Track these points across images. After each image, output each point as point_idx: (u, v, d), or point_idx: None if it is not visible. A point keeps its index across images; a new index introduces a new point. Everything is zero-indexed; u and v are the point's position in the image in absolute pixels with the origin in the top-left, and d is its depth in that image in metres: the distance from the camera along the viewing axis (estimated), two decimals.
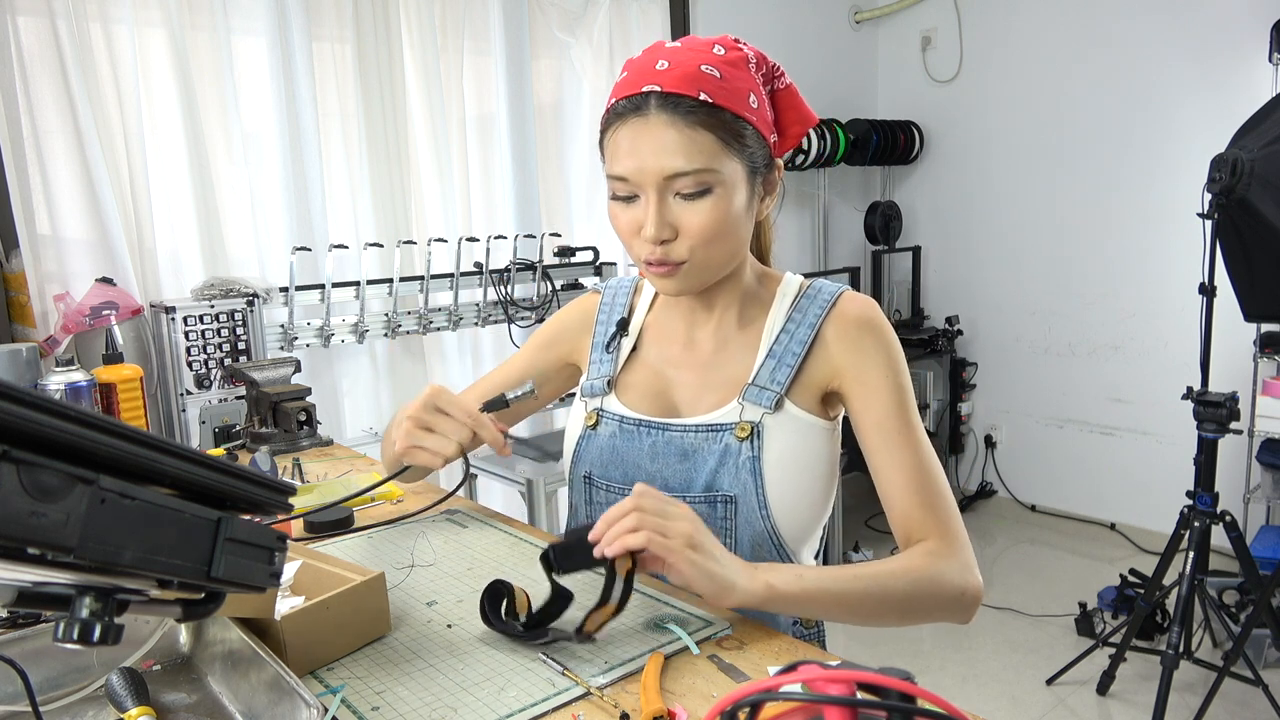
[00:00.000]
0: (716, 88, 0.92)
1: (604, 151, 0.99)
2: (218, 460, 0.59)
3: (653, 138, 0.92)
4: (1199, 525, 2.37)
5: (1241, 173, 2.23)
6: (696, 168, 0.92)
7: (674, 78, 0.92)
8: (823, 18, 4.12)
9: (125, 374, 1.81)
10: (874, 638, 3.05)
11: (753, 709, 0.51)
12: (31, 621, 0.86)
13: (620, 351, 1.14)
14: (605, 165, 0.98)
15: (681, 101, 0.91)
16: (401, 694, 0.81)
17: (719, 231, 0.95)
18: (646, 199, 0.94)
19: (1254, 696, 2.40)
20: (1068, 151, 3.82)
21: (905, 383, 1.01)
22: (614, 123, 0.95)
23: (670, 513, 0.84)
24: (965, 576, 0.94)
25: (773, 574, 0.87)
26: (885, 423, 0.99)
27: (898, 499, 0.99)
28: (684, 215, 0.94)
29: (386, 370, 2.85)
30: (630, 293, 1.19)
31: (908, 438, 0.99)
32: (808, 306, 1.05)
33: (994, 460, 4.28)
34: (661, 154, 0.91)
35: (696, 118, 0.91)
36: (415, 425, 0.97)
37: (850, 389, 1.01)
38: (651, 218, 0.93)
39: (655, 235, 0.94)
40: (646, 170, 0.92)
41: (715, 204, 0.94)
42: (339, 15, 2.63)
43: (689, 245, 0.95)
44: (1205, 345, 2.42)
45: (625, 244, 1.00)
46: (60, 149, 2.18)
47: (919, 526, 0.97)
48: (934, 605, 0.93)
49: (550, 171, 3.22)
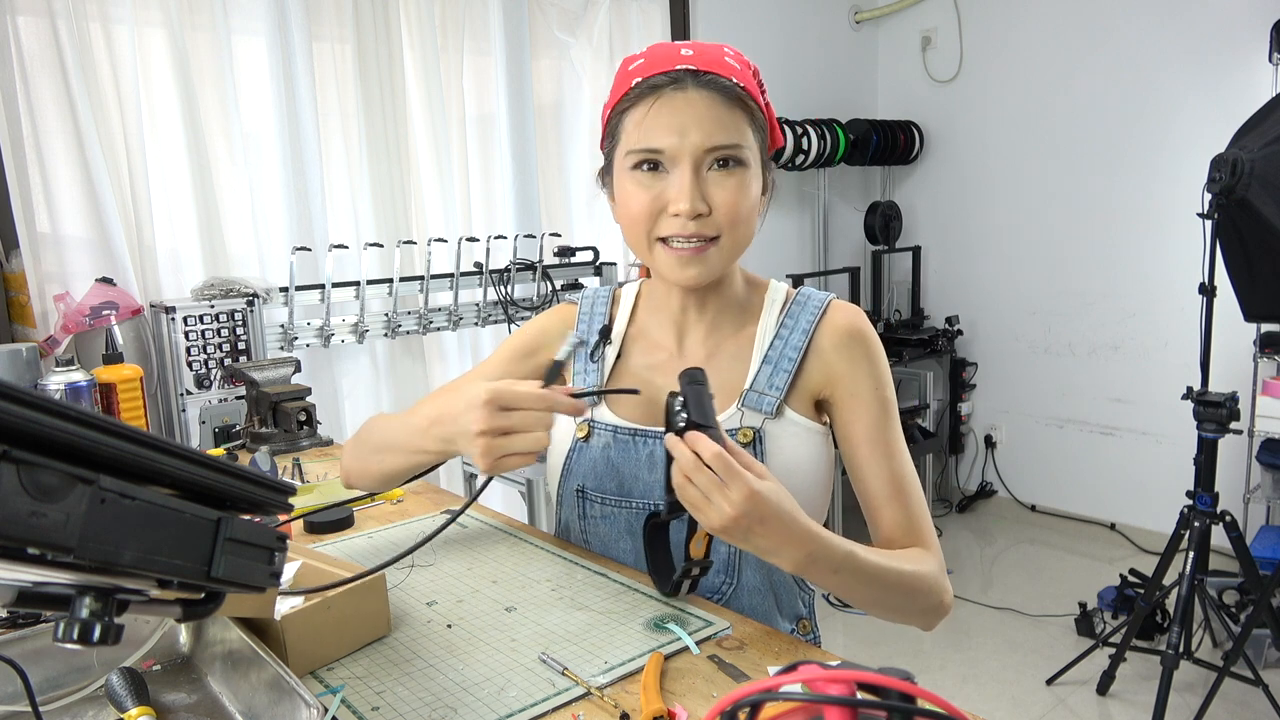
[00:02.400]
0: (740, 75, 0.96)
1: (619, 130, 0.98)
2: (218, 460, 0.59)
3: (694, 110, 0.93)
4: (1199, 525, 2.37)
5: (1241, 173, 2.23)
6: (735, 142, 0.94)
7: (704, 61, 0.95)
8: (823, 18, 4.12)
9: (125, 374, 1.81)
10: (874, 638, 3.05)
11: (753, 709, 0.51)
12: (31, 621, 0.86)
13: (605, 361, 1.11)
14: (624, 142, 0.97)
15: (718, 80, 0.94)
16: (401, 694, 0.81)
17: (747, 210, 0.97)
18: (680, 173, 0.94)
19: (1254, 696, 2.40)
20: (1067, 151, 3.82)
21: (890, 395, 1.04)
22: (645, 97, 0.95)
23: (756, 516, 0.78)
24: (946, 586, 0.98)
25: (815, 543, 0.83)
26: (872, 435, 1.01)
27: (883, 509, 1.01)
28: (716, 191, 0.95)
29: (386, 370, 2.85)
30: (608, 302, 1.16)
31: (892, 450, 1.02)
32: (799, 313, 1.05)
33: (994, 460, 4.28)
34: (703, 126, 0.93)
35: (733, 95, 0.94)
36: (493, 435, 0.85)
37: (840, 399, 1.03)
38: (688, 190, 0.93)
39: (692, 208, 0.94)
40: (688, 142, 0.93)
41: (744, 182, 0.96)
42: (339, 15, 2.63)
43: (724, 220, 0.95)
44: (1205, 345, 2.42)
45: (637, 227, 0.98)
46: (60, 149, 2.18)
47: (902, 536, 1.00)
48: (920, 608, 0.96)
49: (550, 171, 3.23)
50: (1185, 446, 2.67)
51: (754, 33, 3.80)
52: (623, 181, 0.98)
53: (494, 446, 0.85)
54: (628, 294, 1.16)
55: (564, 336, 1.02)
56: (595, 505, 1.08)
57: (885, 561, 0.91)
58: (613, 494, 1.06)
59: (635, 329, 1.13)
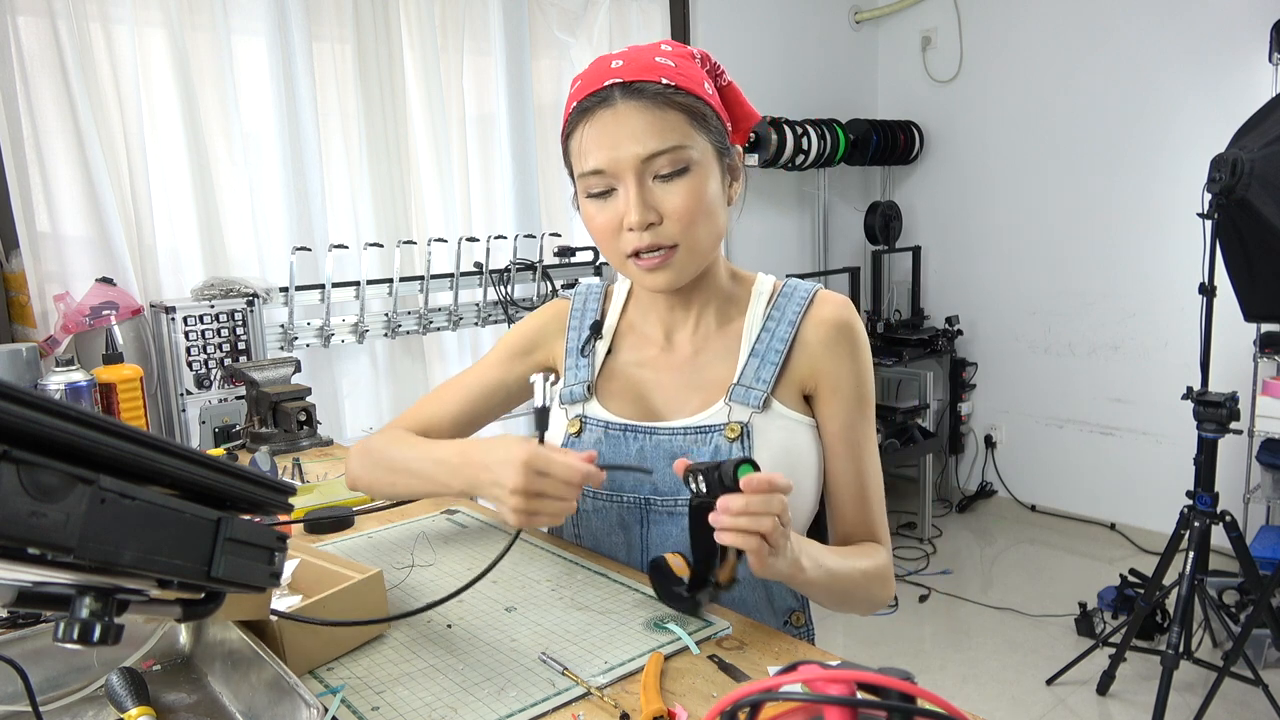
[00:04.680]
0: (674, 74, 0.95)
1: (570, 157, 1.00)
2: (218, 460, 0.59)
3: (624, 125, 0.93)
4: (1199, 525, 2.37)
5: (1241, 173, 2.22)
6: (671, 145, 0.94)
7: (632, 69, 0.95)
8: (823, 18, 4.12)
9: (125, 374, 1.81)
10: (874, 638, 3.05)
11: (753, 709, 0.51)
12: (31, 621, 0.86)
13: (595, 356, 1.12)
14: (574, 168, 0.99)
15: (646, 87, 0.94)
16: (401, 694, 0.81)
17: (701, 209, 0.96)
18: (625, 188, 0.95)
19: (1254, 696, 2.40)
20: (1067, 151, 3.82)
21: (869, 391, 1.06)
22: (579, 121, 0.96)
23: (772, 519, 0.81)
24: (891, 581, 1.05)
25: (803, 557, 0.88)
26: (847, 432, 1.04)
27: (847, 504, 1.06)
28: (665, 198, 0.95)
29: (386, 370, 2.85)
30: (600, 298, 1.17)
31: (864, 449, 1.05)
32: (785, 305, 1.06)
33: (994, 460, 4.28)
34: (636, 138, 0.93)
35: (663, 99, 0.94)
36: (528, 498, 0.88)
37: (822, 393, 1.04)
38: (634, 203, 0.94)
39: (641, 219, 0.94)
40: (623, 157, 0.93)
41: (693, 182, 0.95)
42: (339, 15, 2.63)
43: (675, 227, 0.95)
44: (1205, 345, 2.42)
45: (605, 245, 1.00)
46: (60, 149, 2.18)
47: (862, 532, 1.06)
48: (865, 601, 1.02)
49: (550, 171, 3.22)
50: (1185, 446, 2.67)
51: (754, 33, 3.80)
52: (584, 205, 1.00)
53: (527, 506, 0.88)
54: (620, 289, 1.17)
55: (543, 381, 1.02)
56: (587, 500, 1.09)
57: (845, 562, 0.97)
58: (605, 488, 1.07)
59: (626, 324, 1.14)
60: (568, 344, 1.15)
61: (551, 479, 0.87)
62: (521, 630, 0.93)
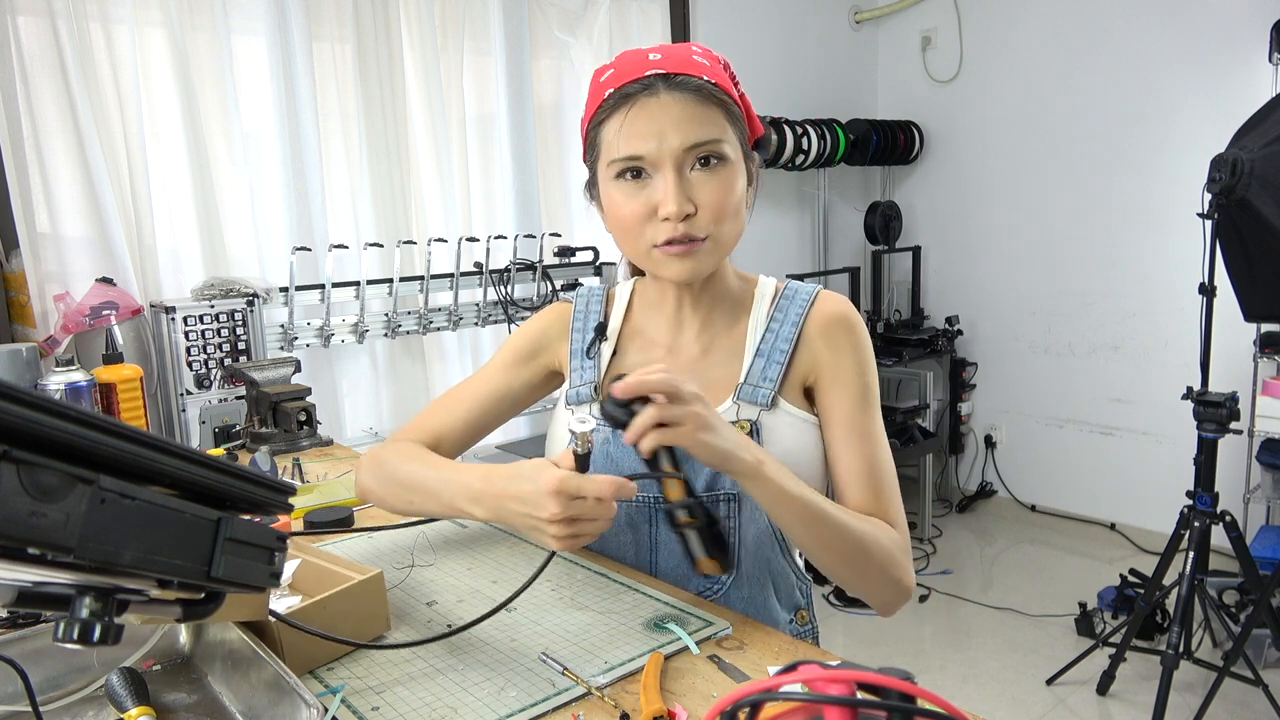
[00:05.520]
0: (710, 72, 0.97)
1: (599, 143, 0.99)
2: (218, 460, 0.59)
3: (669, 112, 0.94)
4: (1199, 525, 2.37)
5: (1241, 173, 2.23)
6: (713, 137, 0.95)
7: (673, 63, 0.96)
8: (823, 18, 4.12)
9: (125, 374, 1.81)
10: (874, 638, 3.05)
11: (753, 709, 0.51)
12: (31, 621, 0.86)
13: (601, 357, 1.12)
14: (604, 154, 0.98)
15: (689, 80, 0.95)
16: (401, 694, 0.81)
17: (731, 205, 0.97)
18: (664, 176, 0.95)
19: (1254, 696, 2.40)
20: (1067, 151, 3.82)
21: (873, 381, 1.05)
22: (619, 107, 0.96)
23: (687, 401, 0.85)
24: (907, 566, 0.99)
25: (769, 460, 0.90)
26: (850, 419, 1.03)
27: (852, 489, 1.02)
28: (701, 190, 0.96)
29: (386, 370, 2.85)
30: (602, 300, 1.17)
31: (870, 436, 1.03)
32: (788, 306, 1.07)
33: (994, 460, 4.28)
34: (678, 128, 0.94)
35: (705, 93, 0.95)
36: (567, 524, 0.86)
37: (823, 384, 1.04)
38: (673, 192, 0.94)
39: (679, 209, 0.94)
40: (667, 145, 0.94)
41: (727, 176, 0.97)
42: (339, 15, 2.63)
43: (708, 219, 0.96)
44: (1205, 345, 2.42)
45: (630, 233, 0.99)
46: (60, 149, 2.18)
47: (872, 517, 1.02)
48: (876, 572, 0.97)
49: (550, 171, 3.23)
50: (1185, 446, 2.67)
51: (754, 33, 3.80)
52: (609, 192, 0.99)
53: (569, 531, 0.87)
54: (622, 292, 1.17)
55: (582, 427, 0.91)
56: None
57: (842, 513, 0.94)
58: None
59: (630, 327, 1.14)
60: (571, 346, 1.15)
61: (586, 501, 0.86)
62: (521, 630, 0.93)
